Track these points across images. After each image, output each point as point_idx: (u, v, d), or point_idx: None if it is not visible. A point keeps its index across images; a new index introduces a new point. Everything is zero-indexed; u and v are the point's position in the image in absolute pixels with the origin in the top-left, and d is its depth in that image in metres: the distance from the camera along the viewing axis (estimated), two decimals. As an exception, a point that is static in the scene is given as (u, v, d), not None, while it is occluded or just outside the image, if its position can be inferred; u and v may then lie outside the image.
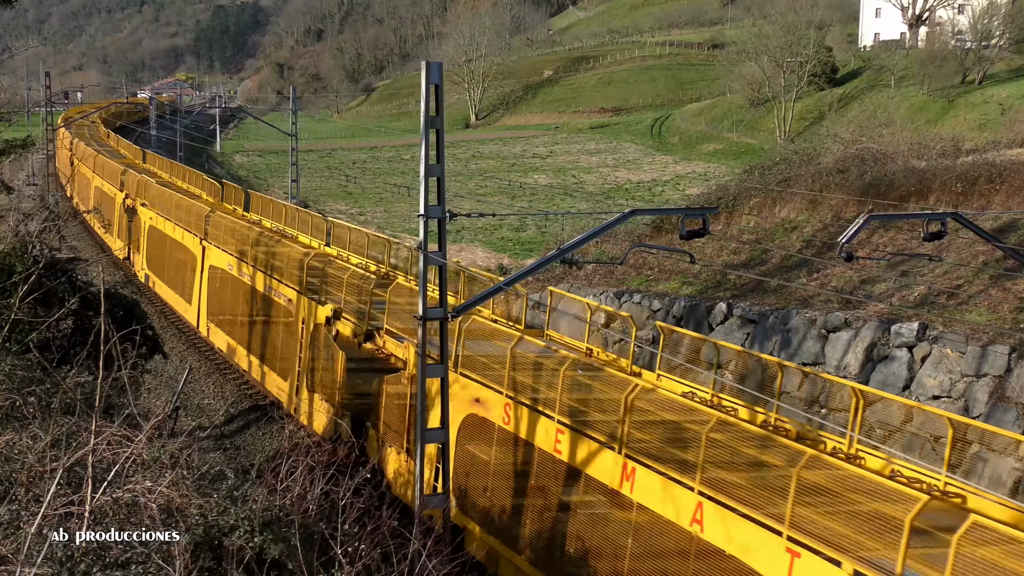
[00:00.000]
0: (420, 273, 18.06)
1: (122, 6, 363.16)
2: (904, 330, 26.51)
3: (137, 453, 11.68)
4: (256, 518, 11.34)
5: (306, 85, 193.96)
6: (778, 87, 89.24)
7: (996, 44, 77.70)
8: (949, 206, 31.82)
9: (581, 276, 37.91)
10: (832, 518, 13.02)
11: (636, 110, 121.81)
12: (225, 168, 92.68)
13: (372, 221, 60.65)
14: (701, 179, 74.88)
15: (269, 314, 31.11)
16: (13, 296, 19.55)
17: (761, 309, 30.87)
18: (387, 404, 23.10)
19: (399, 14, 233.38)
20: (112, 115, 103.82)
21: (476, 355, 20.85)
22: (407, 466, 21.50)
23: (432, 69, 17.50)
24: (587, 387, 18.51)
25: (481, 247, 53.97)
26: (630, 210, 19.79)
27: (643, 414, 16.41)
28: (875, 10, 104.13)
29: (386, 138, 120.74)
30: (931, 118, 70.32)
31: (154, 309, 43.00)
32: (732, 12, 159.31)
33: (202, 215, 39.07)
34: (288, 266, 30.08)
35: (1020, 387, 23.60)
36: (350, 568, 11.15)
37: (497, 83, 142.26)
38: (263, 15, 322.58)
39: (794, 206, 37.67)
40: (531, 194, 73.75)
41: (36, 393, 15.12)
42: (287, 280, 29.85)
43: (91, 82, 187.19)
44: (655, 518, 15.47)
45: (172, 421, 24.62)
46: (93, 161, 63.39)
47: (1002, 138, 47.04)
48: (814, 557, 12.75)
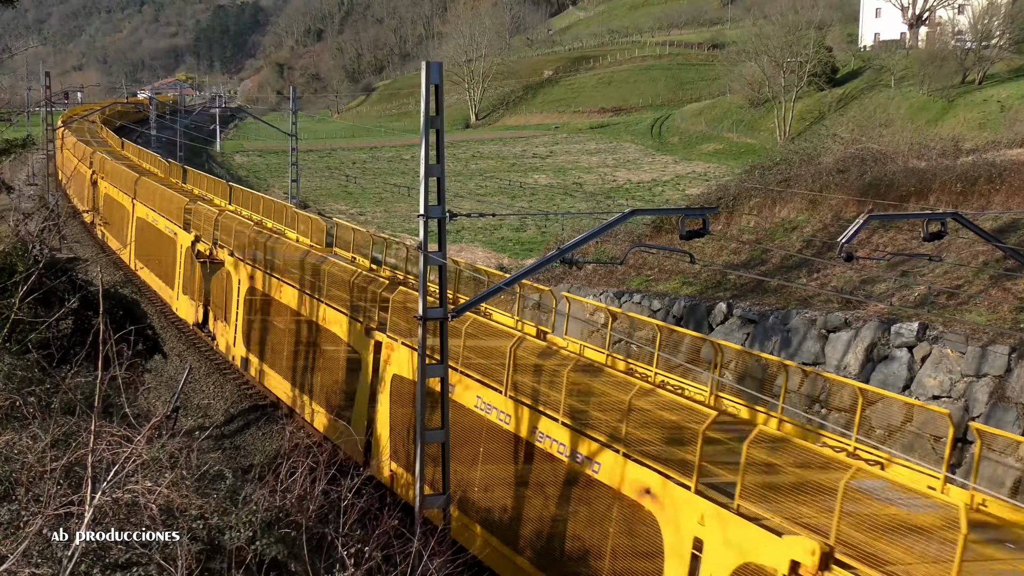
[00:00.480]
0: (420, 273, 18.07)
1: (122, 6, 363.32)
2: (904, 330, 26.50)
3: (137, 453, 11.67)
4: (257, 519, 11.33)
5: (306, 85, 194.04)
6: (778, 87, 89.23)
7: (996, 44, 77.69)
8: (949, 206, 31.81)
9: (581, 276, 37.91)
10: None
11: (636, 110, 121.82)
12: (225, 168, 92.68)
13: (372, 221, 60.63)
14: (701, 179, 74.88)
15: (165, 245, 44.03)
16: (13, 296, 19.55)
17: (761, 309, 30.87)
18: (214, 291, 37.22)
19: (399, 14, 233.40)
20: (113, 115, 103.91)
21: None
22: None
23: (432, 69, 17.49)
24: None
25: (481, 247, 53.97)
26: (630, 210, 19.78)
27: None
28: (875, 10, 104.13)
29: (386, 138, 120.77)
30: (931, 118, 70.31)
31: (154, 309, 43.18)
32: (732, 12, 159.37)
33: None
34: (173, 209, 43.63)
35: (1020, 387, 23.60)
36: (354, 571, 11.14)
37: (497, 83, 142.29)
38: (263, 15, 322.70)
39: (794, 206, 37.67)
40: (531, 194, 73.75)
41: (36, 393, 15.12)
42: (174, 220, 42.93)
43: (91, 82, 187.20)
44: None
45: (172, 421, 24.61)
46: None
47: (1002, 138, 47.04)
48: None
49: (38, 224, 30.41)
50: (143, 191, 49.82)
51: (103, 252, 55.69)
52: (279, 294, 31.31)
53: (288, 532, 11.53)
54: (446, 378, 18.96)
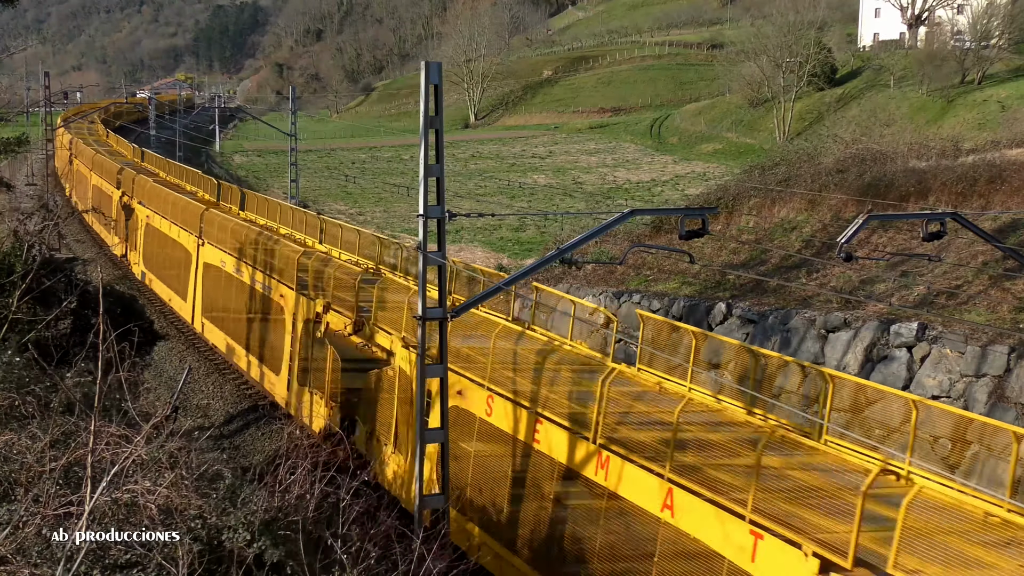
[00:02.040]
0: (420, 273, 18.05)
1: (121, 6, 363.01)
2: (904, 330, 26.50)
3: (136, 454, 11.66)
4: (256, 520, 11.31)
5: (305, 85, 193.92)
6: (777, 87, 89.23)
7: (995, 44, 77.69)
8: (949, 206, 31.80)
9: (580, 276, 37.89)
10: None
11: (635, 110, 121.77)
12: (224, 168, 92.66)
13: (372, 221, 60.63)
14: (700, 179, 74.86)
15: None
16: (11, 295, 19.54)
17: (761, 309, 30.86)
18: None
19: (398, 14, 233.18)
20: (112, 115, 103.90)
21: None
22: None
23: (431, 69, 17.48)
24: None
25: (480, 247, 53.97)
26: (629, 210, 19.77)
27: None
28: (874, 10, 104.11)
29: (385, 138, 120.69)
30: (930, 118, 70.31)
31: (153, 308, 42.98)
32: (731, 12, 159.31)
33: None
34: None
35: (1020, 387, 23.60)
36: (353, 572, 11.12)
37: (496, 83, 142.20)
38: (262, 15, 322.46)
39: (793, 206, 37.66)
40: (530, 194, 73.74)
41: (35, 392, 15.10)
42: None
43: (90, 82, 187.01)
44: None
45: (171, 421, 24.59)
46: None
47: (1001, 138, 47.03)
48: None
49: (37, 224, 30.38)
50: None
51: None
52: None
53: (287, 533, 11.51)
54: (445, 378, 18.96)
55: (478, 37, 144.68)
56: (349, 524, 12.30)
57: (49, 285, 22.96)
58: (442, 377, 18.77)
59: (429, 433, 18.65)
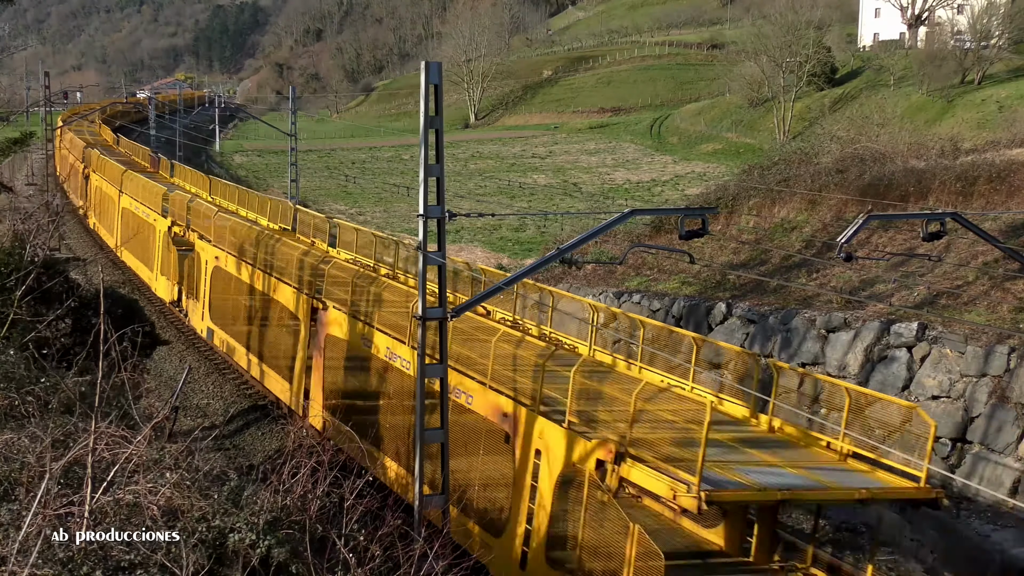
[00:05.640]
0: (420, 273, 18.05)
1: (121, 6, 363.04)
2: (904, 330, 26.51)
3: (137, 454, 11.66)
4: (260, 520, 11.30)
5: (305, 85, 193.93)
6: (777, 87, 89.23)
7: (995, 44, 77.67)
8: (949, 206, 31.82)
9: (580, 276, 37.90)
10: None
11: (635, 110, 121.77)
12: (224, 168, 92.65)
13: (372, 221, 60.63)
14: (700, 179, 74.85)
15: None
16: (11, 295, 19.54)
17: (761, 309, 30.86)
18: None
19: (398, 14, 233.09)
20: (112, 115, 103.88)
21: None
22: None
23: (431, 69, 17.47)
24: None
25: (480, 247, 53.96)
26: (629, 210, 19.76)
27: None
28: (874, 10, 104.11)
29: (385, 138, 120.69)
30: (930, 118, 70.30)
31: (154, 308, 42.97)
32: (731, 12, 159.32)
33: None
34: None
35: (1020, 387, 23.59)
36: (358, 572, 11.11)
37: (496, 83, 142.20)
38: (262, 15, 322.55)
39: (793, 206, 37.67)
40: (530, 194, 73.74)
41: (35, 392, 15.10)
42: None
43: (90, 82, 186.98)
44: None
45: (171, 421, 24.60)
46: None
47: (1001, 138, 47.06)
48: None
49: (37, 224, 30.40)
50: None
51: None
52: None
53: (291, 533, 11.50)
54: (445, 378, 18.95)
55: (478, 37, 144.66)
56: (351, 526, 12.29)
57: (49, 286, 22.98)
58: (442, 377, 18.76)
59: (429, 433, 18.64)
